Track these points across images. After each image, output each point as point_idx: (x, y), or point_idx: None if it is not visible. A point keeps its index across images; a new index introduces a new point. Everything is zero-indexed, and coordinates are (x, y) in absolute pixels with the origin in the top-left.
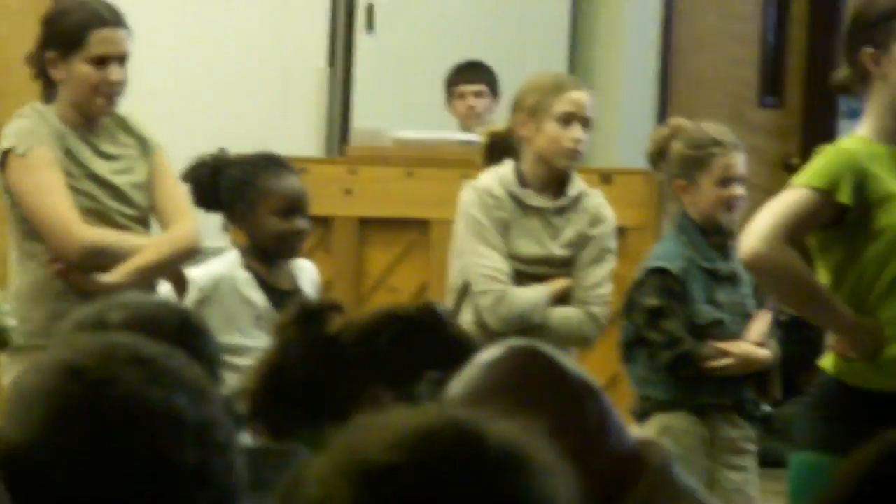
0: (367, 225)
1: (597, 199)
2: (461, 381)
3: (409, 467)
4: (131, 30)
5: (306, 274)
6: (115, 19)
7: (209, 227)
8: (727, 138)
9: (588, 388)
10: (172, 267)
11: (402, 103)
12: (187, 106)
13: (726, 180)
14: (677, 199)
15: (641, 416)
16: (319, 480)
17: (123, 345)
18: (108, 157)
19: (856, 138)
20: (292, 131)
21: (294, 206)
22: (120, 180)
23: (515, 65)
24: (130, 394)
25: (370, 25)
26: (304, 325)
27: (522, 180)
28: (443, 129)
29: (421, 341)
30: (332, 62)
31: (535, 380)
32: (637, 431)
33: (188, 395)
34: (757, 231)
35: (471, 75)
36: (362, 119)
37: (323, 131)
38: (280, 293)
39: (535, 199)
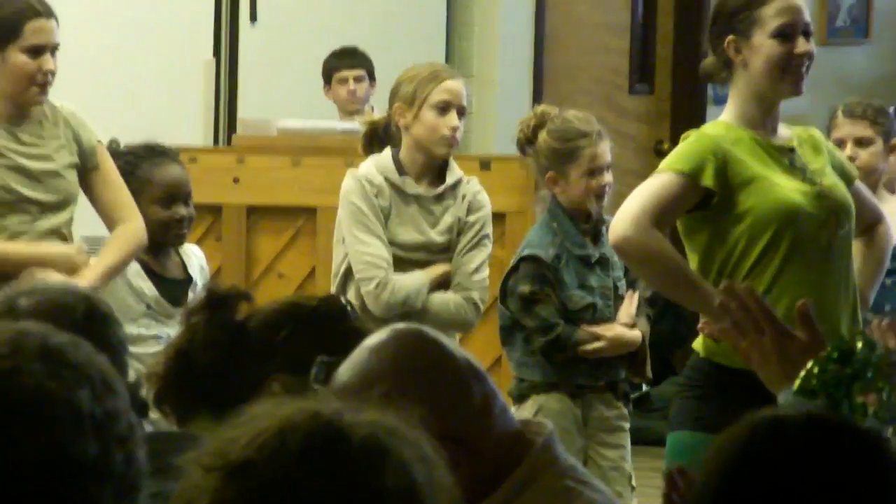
0: (256, 212)
1: (474, 186)
2: (349, 365)
3: (265, 462)
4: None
5: (195, 260)
6: (47, 11)
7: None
8: (592, 128)
9: (473, 371)
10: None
11: (286, 92)
12: (77, 96)
13: (594, 170)
14: (548, 188)
15: (519, 397)
16: (190, 473)
17: (32, 335)
18: (26, 144)
19: (719, 123)
20: (181, 121)
21: (174, 193)
22: (34, 166)
23: (394, 55)
24: (33, 386)
25: (253, 17)
26: (211, 311)
27: (401, 168)
28: (324, 116)
29: (322, 331)
30: (216, 53)
31: (421, 362)
32: (515, 412)
33: (91, 388)
34: (625, 215)
35: (351, 61)
36: (247, 109)
37: (210, 121)
38: (169, 281)
39: (414, 187)
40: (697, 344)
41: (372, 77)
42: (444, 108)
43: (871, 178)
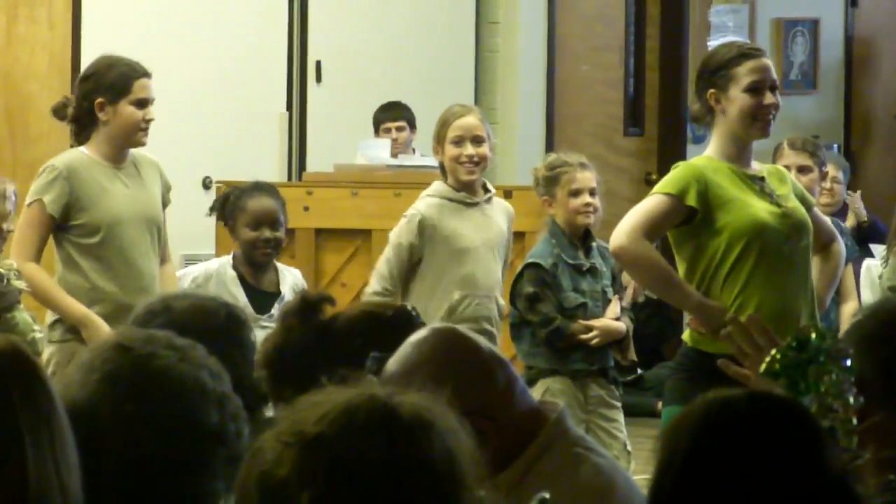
0: (322, 234)
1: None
2: (396, 359)
3: (335, 436)
4: None
5: (290, 279)
6: (145, 72)
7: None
8: (573, 160)
9: (497, 358)
10: None
11: (346, 139)
12: (178, 142)
13: (576, 192)
14: (546, 210)
15: (528, 382)
16: (268, 448)
17: (161, 334)
18: (126, 184)
19: (703, 157)
20: (261, 162)
21: (260, 219)
22: (137, 196)
23: (432, 106)
24: (167, 367)
25: (318, 78)
26: (304, 313)
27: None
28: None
29: (394, 336)
30: (289, 107)
31: (454, 353)
32: None
33: (210, 373)
34: (621, 229)
35: (393, 113)
36: (314, 152)
37: (285, 162)
38: (260, 293)
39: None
40: (685, 335)
41: (413, 126)
42: (458, 142)
43: None
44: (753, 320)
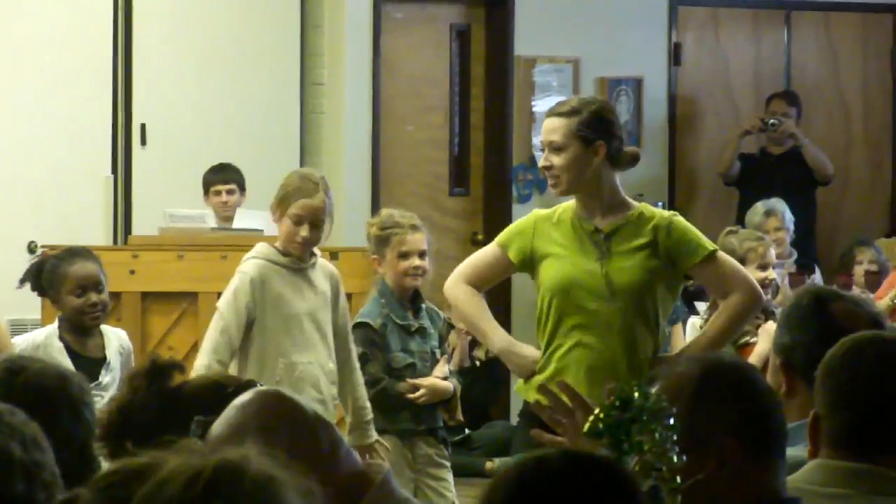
0: (149, 297)
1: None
2: (221, 421)
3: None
4: None
5: (115, 342)
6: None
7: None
8: (406, 221)
9: (321, 421)
10: None
11: (172, 201)
12: (2, 206)
13: (404, 254)
14: (376, 269)
15: None
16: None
17: None
18: None
19: (562, 206)
20: (86, 225)
21: (84, 285)
22: None
23: (258, 168)
24: None
25: (143, 140)
26: (152, 377)
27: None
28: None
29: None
30: (114, 170)
31: (278, 415)
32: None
33: (21, 443)
34: (452, 274)
35: (224, 175)
36: (141, 215)
37: (111, 224)
38: (86, 359)
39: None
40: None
41: (242, 188)
42: (298, 222)
43: None
44: (564, 386)
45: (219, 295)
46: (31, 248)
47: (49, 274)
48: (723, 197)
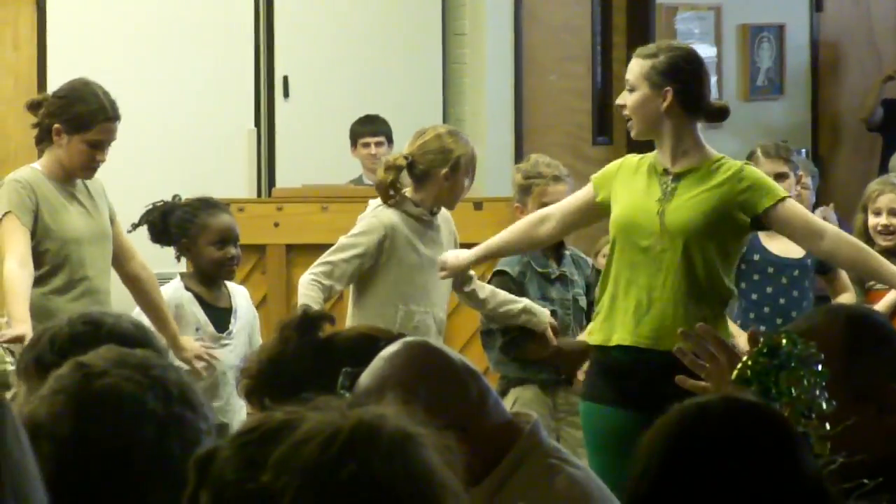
0: (293, 250)
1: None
2: (368, 373)
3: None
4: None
5: (240, 294)
6: (115, 114)
7: (165, 257)
8: (549, 172)
9: (469, 371)
10: None
11: (315, 154)
12: (147, 161)
13: (545, 205)
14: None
15: (500, 392)
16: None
17: (131, 354)
18: (78, 202)
19: (641, 156)
20: (230, 178)
21: (226, 237)
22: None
23: (403, 119)
24: (108, 387)
25: (286, 93)
26: (303, 328)
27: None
28: (351, 173)
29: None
30: (257, 123)
31: (426, 366)
32: None
33: (161, 394)
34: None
35: (372, 127)
36: (284, 168)
37: (255, 178)
38: (218, 310)
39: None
40: None
41: (390, 140)
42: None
43: None
44: (707, 331)
45: None
46: (174, 203)
47: (184, 223)
48: (866, 143)
